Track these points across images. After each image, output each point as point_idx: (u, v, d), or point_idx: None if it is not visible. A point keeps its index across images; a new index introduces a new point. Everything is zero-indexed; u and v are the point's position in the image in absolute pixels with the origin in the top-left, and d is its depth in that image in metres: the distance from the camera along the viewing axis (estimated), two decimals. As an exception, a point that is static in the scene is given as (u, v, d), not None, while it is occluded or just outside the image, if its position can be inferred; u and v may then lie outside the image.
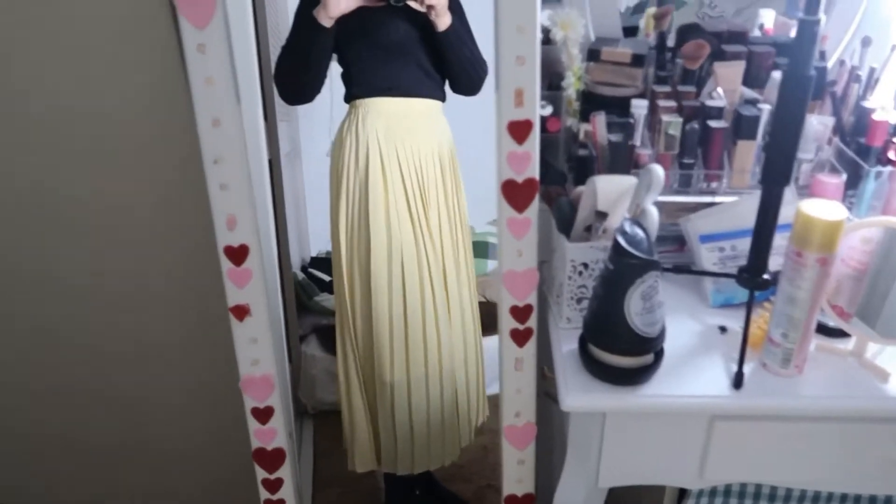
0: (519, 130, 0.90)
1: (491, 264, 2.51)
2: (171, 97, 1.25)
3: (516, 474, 1.10)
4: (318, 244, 2.82)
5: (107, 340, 1.48)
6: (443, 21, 1.33)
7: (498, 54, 0.87)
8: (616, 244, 0.83)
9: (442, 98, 1.50)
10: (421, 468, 1.64)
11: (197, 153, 0.90)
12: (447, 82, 1.49)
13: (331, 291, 2.50)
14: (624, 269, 0.83)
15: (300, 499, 1.17)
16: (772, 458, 0.93)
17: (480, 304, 1.73)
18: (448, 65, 1.41)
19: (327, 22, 1.32)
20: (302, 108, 2.57)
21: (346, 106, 1.49)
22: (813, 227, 0.82)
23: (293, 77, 1.44)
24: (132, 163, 1.32)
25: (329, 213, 1.56)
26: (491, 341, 1.28)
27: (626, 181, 0.90)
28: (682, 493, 1.15)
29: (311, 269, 2.62)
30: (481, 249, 2.53)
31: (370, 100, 1.43)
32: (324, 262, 2.69)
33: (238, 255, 0.95)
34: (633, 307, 0.84)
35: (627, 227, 0.84)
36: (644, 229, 0.86)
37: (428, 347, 1.54)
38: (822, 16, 0.80)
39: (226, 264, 0.95)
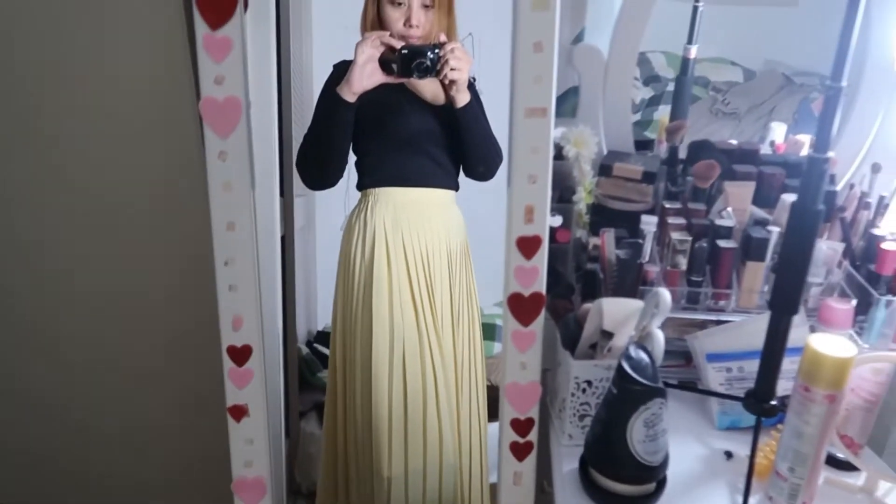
0: (527, 246, 0.91)
1: (497, 346, 2.48)
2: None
3: (511, 593, 1.06)
4: (326, 318, 2.82)
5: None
6: (462, 97, 1.35)
7: (511, 172, 0.89)
8: (620, 369, 0.82)
9: (454, 187, 1.52)
10: None
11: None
12: (462, 168, 1.51)
13: (335, 368, 2.48)
14: (627, 395, 0.82)
15: None
16: None
17: (487, 387, 1.71)
18: (464, 145, 1.42)
19: (350, 97, 1.35)
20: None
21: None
22: (822, 363, 0.81)
23: (316, 159, 1.47)
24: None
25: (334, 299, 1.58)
26: (494, 427, 1.27)
27: (633, 304, 0.90)
28: None
29: (315, 344, 2.60)
30: (488, 332, 2.51)
31: (380, 189, 1.46)
32: (329, 338, 2.68)
33: (241, 355, 0.94)
34: (636, 434, 0.82)
35: (632, 352, 0.84)
36: (649, 354, 0.85)
37: (428, 440, 1.52)
38: (831, 154, 0.81)
39: (228, 364, 0.95)
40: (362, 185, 1.51)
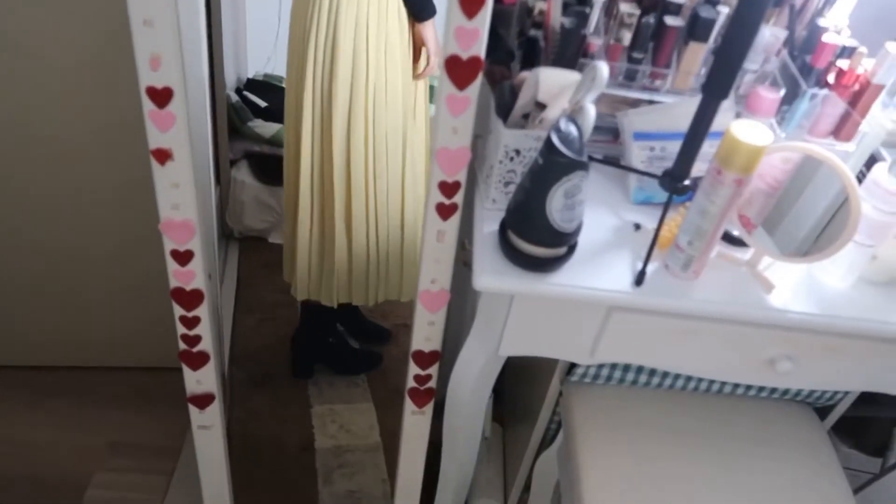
0: (471, 4, 0.86)
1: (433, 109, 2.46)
2: None
3: (426, 333, 1.17)
4: (256, 65, 2.68)
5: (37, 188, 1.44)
6: None
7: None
8: (548, 140, 0.84)
9: None
10: (373, 300, 1.75)
11: None
12: None
13: (266, 118, 2.42)
14: (552, 165, 0.84)
15: (218, 332, 1.22)
16: (658, 347, 1.02)
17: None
18: None
19: None
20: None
21: None
22: (738, 149, 0.84)
23: None
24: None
25: (288, 43, 1.54)
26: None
27: (570, 76, 0.89)
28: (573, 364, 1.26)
29: (245, 92, 2.51)
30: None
31: None
32: (261, 86, 2.58)
33: (161, 96, 0.90)
34: (555, 203, 0.86)
35: (562, 125, 0.85)
36: (579, 128, 0.86)
37: (390, 185, 1.61)
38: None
39: (148, 105, 0.90)
40: None
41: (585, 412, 1.22)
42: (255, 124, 2.38)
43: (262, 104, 2.47)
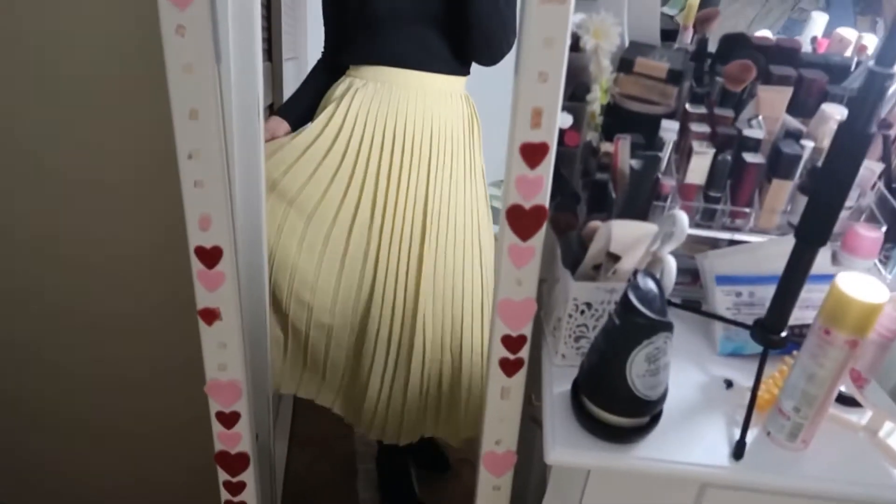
0: (532, 154, 0.80)
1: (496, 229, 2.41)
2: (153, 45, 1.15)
3: (491, 499, 1.06)
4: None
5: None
6: None
7: (518, 67, 0.76)
8: (625, 299, 0.75)
9: (457, 73, 1.39)
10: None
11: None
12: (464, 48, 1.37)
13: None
14: (631, 327, 0.75)
15: (262, 500, 1.13)
16: (761, 528, 0.87)
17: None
18: (466, 19, 1.28)
19: None
20: (311, 53, 2.44)
21: None
22: (848, 307, 0.73)
23: None
24: (111, 115, 1.22)
25: None
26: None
27: (645, 228, 0.81)
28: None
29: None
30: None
31: (358, 67, 1.38)
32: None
33: (210, 256, 0.86)
34: (636, 369, 0.76)
35: (640, 282, 0.76)
36: (658, 283, 0.77)
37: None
38: (896, 68, 0.69)
39: (196, 266, 0.87)
40: (347, 59, 1.41)
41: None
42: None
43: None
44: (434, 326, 1.48)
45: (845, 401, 0.90)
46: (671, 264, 0.79)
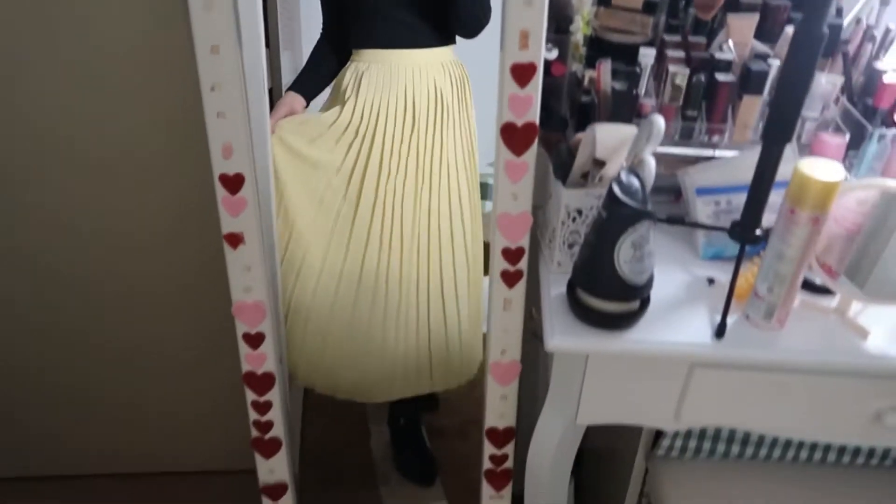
0: (522, 73, 0.89)
1: (489, 205, 2.51)
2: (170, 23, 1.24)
3: (499, 409, 1.14)
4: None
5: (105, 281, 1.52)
6: None
7: (506, -6, 0.85)
8: (611, 192, 0.84)
9: (444, 44, 1.53)
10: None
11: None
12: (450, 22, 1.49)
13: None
14: (616, 217, 0.84)
15: (288, 422, 1.21)
16: (747, 405, 0.96)
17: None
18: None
19: None
20: (305, 38, 2.53)
21: None
22: (809, 186, 0.82)
23: None
24: (132, 95, 1.32)
25: None
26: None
27: (627, 130, 0.89)
28: (658, 434, 1.18)
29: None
30: (482, 191, 2.53)
31: (359, 51, 1.51)
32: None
33: (233, 183, 0.95)
34: (623, 255, 0.85)
35: (623, 177, 0.85)
36: (640, 179, 0.86)
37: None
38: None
39: (221, 192, 0.95)
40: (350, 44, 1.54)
41: (676, 489, 1.14)
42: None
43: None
44: (431, 276, 1.58)
45: (817, 290, 0.99)
46: (651, 163, 0.88)
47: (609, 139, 0.89)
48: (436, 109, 1.52)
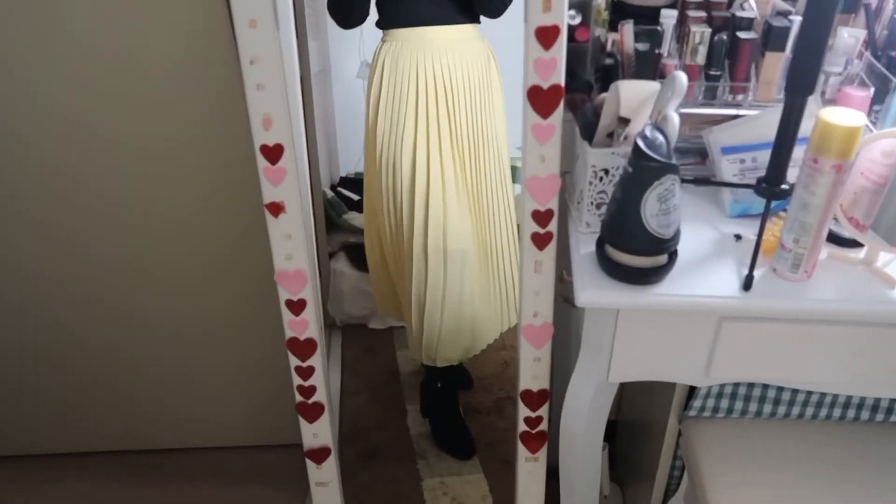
0: (546, 36, 0.92)
1: (518, 189, 2.54)
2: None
3: (532, 371, 1.17)
4: (348, 165, 2.86)
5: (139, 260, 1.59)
6: None
7: (528, -43, 0.88)
8: (636, 147, 0.86)
9: (471, 21, 1.58)
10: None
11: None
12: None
13: (360, 210, 2.56)
14: (642, 171, 0.86)
15: (329, 387, 1.26)
16: (776, 359, 0.98)
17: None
18: None
19: None
20: (332, 28, 2.57)
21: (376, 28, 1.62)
22: (831, 133, 0.84)
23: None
24: (167, 78, 1.38)
25: (364, 134, 1.70)
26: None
27: (650, 87, 0.92)
28: (689, 397, 1.20)
29: (340, 189, 2.67)
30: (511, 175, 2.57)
31: (393, 30, 1.57)
32: (352, 182, 2.74)
33: (273, 153, 0.99)
34: (650, 209, 0.87)
35: (648, 132, 0.87)
36: (664, 134, 0.88)
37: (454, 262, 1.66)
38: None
39: (262, 163, 1.00)
40: (380, 24, 1.60)
41: (709, 449, 1.16)
42: (350, 217, 2.52)
43: (356, 198, 2.62)
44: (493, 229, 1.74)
45: (844, 243, 1.00)
46: (675, 118, 0.90)
47: (633, 96, 0.91)
48: (469, 84, 1.59)
